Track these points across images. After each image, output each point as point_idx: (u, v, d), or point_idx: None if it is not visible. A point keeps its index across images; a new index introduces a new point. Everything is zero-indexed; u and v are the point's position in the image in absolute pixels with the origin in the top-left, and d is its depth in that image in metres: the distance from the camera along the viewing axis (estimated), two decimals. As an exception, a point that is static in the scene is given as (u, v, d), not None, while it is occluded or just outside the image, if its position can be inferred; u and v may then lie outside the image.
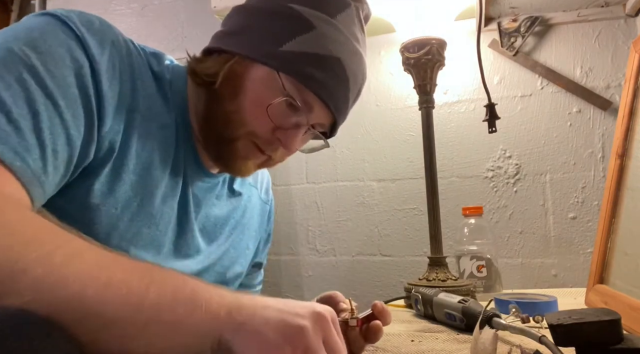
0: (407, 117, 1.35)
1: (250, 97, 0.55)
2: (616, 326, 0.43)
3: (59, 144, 0.43)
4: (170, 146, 0.56)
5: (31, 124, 0.40)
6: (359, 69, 0.60)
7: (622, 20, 1.21)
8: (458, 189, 1.29)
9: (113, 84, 0.49)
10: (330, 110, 0.57)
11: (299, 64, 0.54)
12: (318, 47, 0.55)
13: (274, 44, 0.55)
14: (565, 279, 1.20)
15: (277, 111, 0.55)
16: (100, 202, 0.49)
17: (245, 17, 0.59)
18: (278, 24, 0.56)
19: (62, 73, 0.44)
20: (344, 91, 0.58)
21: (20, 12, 1.82)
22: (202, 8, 1.54)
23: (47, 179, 0.42)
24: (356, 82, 0.59)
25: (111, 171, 0.50)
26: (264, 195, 0.79)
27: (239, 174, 0.62)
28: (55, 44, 0.45)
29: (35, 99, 0.41)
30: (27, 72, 0.42)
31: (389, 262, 1.34)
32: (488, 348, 0.52)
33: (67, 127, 0.44)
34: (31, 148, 0.40)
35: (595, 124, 1.21)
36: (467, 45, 1.28)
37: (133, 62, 0.52)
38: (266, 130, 0.56)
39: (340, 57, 0.56)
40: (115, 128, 0.49)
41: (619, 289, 0.68)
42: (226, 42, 0.58)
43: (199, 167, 0.61)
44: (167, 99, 0.57)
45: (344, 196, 1.39)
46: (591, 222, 1.19)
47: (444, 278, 0.91)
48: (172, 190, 0.57)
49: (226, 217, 0.67)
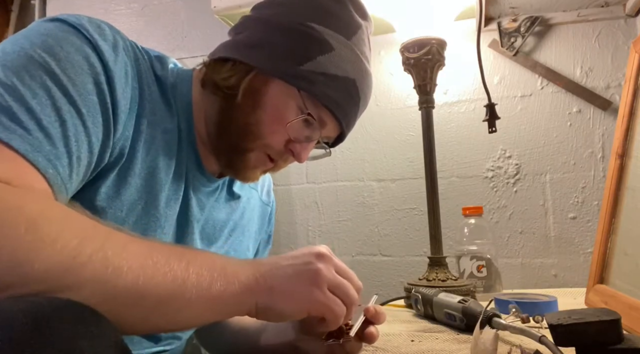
0: (407, 117, 1.35)
1: (270, 112, 0.57)
2: (616, 326, 0.43)
3: (82, 151, 0.44)
4: (173, 150, 0.57)
5: (60, 132, 0.42)
6: (369, 89, 0.64)
7: (622, 20, 1.21)
8: (458, 189, 1.29)
9: (125, 90, 0.49)
10: (342, 126, 0.61)
11: (318, 84, 0.56)
12: (336, 69, 0.57)
13: (295, 62, 0.56)
14: (565, 279, 1.20)
15: (294, 127, 0.57)
16: (107, 205, 0.49)
17: (264, 31, 0.59)
18: (299, 42, 0.57)
19: (82, 80, 0.44)
20: (355, 109, 0.61)
21: (20, 12, 1.82)
22: (202, 8, 1.54)
23: (71, 185, 0.43)
24: (365, 102, 0.64)
25: (118, 175, 0.50)
26: (265, 197, 0.79)
27: (247, 181, 0.64)
28: (72, 51, 0.45)
29: (60, 107, 0.42)
30: (50, 79, 0.42)
31: (389, 263, 1.34)
32: (488, 348, 0.52)
33: (89, 135, 0.45)
34: (61, 156, 0.41)
35: (595, 124, 1.21)
36: (467, 45, 1.28)
37: (140, 68, 0.53)
38: (281, 143, 0.58)
39: (355, 78, 0.59)
40: (126, 134, 0.50)
41: (619, 289, 0.68)
42: (245, 54, 0.58)
43: (200, 172, 0.61)
44: (170, 104, 0.57)
45: (344, 196, 1.39)
46: (591, 222, 1.19)
47: (444, 278, 0.91)
48: (175, 193, 0.57)
49: (225, 220, 0.68)
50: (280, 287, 0.43)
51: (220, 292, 0.41)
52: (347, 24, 0.60)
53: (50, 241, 0.33)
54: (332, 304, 0.44)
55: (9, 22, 1.79)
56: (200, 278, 0.40)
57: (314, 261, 0.45)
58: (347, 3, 0.61)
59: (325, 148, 0.64)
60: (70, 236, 0.34)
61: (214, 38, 1.52)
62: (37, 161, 0.39)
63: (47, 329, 0.27)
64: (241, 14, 0.65)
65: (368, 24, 0.65)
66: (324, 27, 0.58)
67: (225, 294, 0.41)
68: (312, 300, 0.44)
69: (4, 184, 0.36)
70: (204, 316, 0.41)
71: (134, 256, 0.37)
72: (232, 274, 0.42)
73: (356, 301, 0.47)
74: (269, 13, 0.60)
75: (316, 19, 0.58)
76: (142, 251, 0.38)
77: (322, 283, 0.44)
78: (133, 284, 0.35)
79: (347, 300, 0.46)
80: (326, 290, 0.44)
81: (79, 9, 1.73)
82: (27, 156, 0.38)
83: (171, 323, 0.40)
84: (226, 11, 1.18)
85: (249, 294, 0.42)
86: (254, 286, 0.43)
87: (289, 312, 0.44)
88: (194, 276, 0.39)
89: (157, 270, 0.37)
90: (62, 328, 0.28)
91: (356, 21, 0.61)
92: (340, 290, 0.45)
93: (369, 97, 0.65)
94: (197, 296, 0.39)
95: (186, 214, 0.60)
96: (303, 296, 0.44)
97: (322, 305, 0.44)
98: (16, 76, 0.41)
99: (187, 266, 0.39)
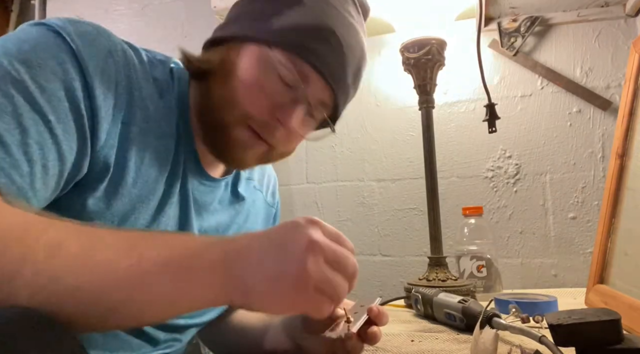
0: (407, 117, 1.35)
1: (243, 76, 0.53)
2: (616, 326, 0.43)
3: (49, 160, 0.42)
4: (169, 154, 0.55)
5: (18, 140, 0.39)
6: (357, 41, 0.57)
7: (622, 20, 1.21)
8: (458, 189, 1.29)
9: (107, 97, 0.47)
10: (328, 82, 0.55)
11: (291, 36, 0.53)
12: (309, 18, 0.53)
13: (264, 21, 0.54)
14: (565, 279, 1.20)
15: (272, 88, 0.53)
16: (96, 217, 0.48)
17: (237, 7, 0.60)
18: (266, 3, 0.56)
19: (53, 87, 0.43)
20: (341, 61, 0.55)
21: (20, 12, 1.82)
22: (202, 8, 1.54)
23: (34, 194, 0.41)
24: (354, 55, 0.57)
25: (108, 186, 0.48)
26: (269, 198, 0.77)
27: (238, 165, 0.60)
28: (47, 57, 0.43)
29: (22, 114, 0.40)
30: (15, 88, 0.41)
31: (389, 262, 1.34)
32: (488, 348, 0.52)
33: (58, 142, 0.42)
34: (18, 164, 0.39)
35: (595, 124, 1.21)
36: (467, 45, 1.28)
37: (130, 73, 0.51)
38: (262, 110, 0.53)
39: (334, 28, 0.54)
40: (110, 142, 0.48)
41: (619, 289, 0.68)
42: (219, 32, 0.59)
43: (199, 172, 0.59)
44: (170, 107, 0.55)
45: (344, 196, 1.39)
46: (591, 222, 1.19)
47: (444, 278, 0.91)
48: (170, 198, 0.55)
49: (228, 223, 0.66)
50: (257, 288, 0.37)
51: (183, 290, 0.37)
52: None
53: None
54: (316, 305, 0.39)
55: (9, 22, 1.79)
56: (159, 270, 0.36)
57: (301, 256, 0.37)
58: None
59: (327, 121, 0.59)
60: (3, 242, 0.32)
61: (214, 38, 1.52)
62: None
63: None
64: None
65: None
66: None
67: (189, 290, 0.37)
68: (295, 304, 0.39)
69: None
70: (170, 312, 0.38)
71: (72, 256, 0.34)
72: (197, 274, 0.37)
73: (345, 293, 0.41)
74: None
75: None
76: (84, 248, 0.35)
77: (307, 285, 0.37)
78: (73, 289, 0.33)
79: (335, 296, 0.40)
80: (311, 291, 0.38)
81: (79, 9, 1.73)
82: None
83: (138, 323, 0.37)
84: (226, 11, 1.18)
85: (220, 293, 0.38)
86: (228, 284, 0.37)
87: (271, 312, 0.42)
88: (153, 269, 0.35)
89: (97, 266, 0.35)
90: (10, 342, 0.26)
91: None
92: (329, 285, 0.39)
93: (360, 52, 0.58)
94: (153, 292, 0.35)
95: (186, 216, 0.58)
96: (284, 301, 0.38)
97: (306, 307, 0.39)
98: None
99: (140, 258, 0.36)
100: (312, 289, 0.37)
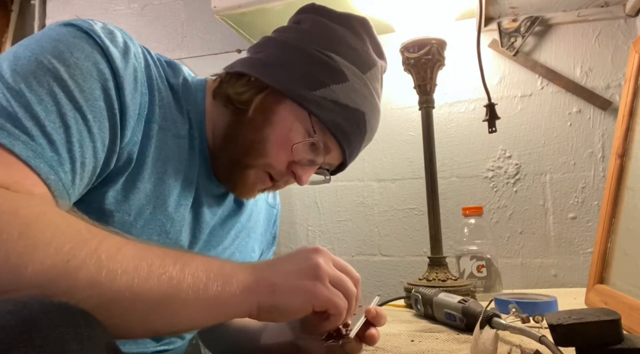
0: (407, 117, 1.35)
1: (278, 131, 0.57)
2: (616, 326, 0.43)
3: (86, 157, 0.44)
4: (184, 155, 0.57)
5: (63, 138, 0.42)
6: (377, 124, 0.66)
7: (622, 20, 1.21)
8: (458, 189, 1.29)
9: (134, 96, 0.50)
10: (345, 155, 0.62)
11: (329, 111, 0.57)
12: (348, 99, 0.59)
13: (309, 86, 0.57)
14: (565, 279, 1.20)
15: (299, 149, 0.58)
16: (115, 208, 0.50)
17: (283, 53, 0.60)
18: (316, 69, 0.58)
19: (90, 86, 0.45)
20: (360, 140, 0.63)
21: (20, 12, 1.82)
22: (202, 8, 1.54)
23: (73, 190, 0.44)
24: (371, 136, 0.65)
25: (127, 180, 0.51)
26: (271, 199, 0.80)
27: (243, 196, 0.65)
28: (82, 57, 0.45)
29: (65, 113, 0.42)
30: (58, 86, 0.43)
31: (389, 262, 1.34)
32: (488, 348, 0.52)
33: (94, 140, 0.45)
34: (63, 162, 0.42)
35: (595, 124, 1.21)
36: (467, 45, 1.28)
37: (151, 74, 0.54)
38: (283, 163, 0.59)
39: (365, 112, 0.61)
40: (134, 139, 0.51)
41: (619, 289, 0.68)
42: (261, 72, 0.58)
43: (209, 178, 0.62)
44: (183, 111, 0.58)
45: (344, 196, 1.39)
46: (591, 222, 1.19)
47: (444, 278, 0.91)
48: (185, 198, 0.57)
49: (232, 222, 0.68)
50: (282, 283, 0.43)
51: (218, 293, 0.40)
52: (364, 59, 0.62)
53: (43, 245, 0.33)
54: (335, 298, 0.44)
55: (9, 22, 1.79)
56: (196, 279, 0.39)
57: (312, 257, 0.45)
58: (366, 40, 0.64)
59: (326, 175, 0.65)
60: (63, 240, 0.34)
61: (213, 38, 1.52)
62: (39, 167, 0.39)
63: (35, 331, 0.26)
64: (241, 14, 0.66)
65: (383, 63, 0.68)
66: (341, 58, 0.59)
67: (223, 294, 0.40)
68: (317, 294, 0.43)
69: (3, 189, 0.36)
70: (202, 318, 0.40)
71: (128, 259, 0.36)
72: (230, 275, 0.42)
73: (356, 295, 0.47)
74: (290, 37, 0.62)
75: (335, 49, 0.59)
76: (137, 254, 0.38)
77: (324, 276, 0.44)
78: (127, 287, 0.35)
79: (348, 294, 0.45)
80: (328, 284, 0.44)
81: (79, 9, 1.73)
82: (29, 162, 0.39)
83: (169, 326, 0.39)
84: (226, 11, 1.18)
85: (248, 294, 0.42)
86: (254, 285, 0.42)
87: (294, 308, 0.43)
88: (189, 278, 0.39)
89: (151, 272, 0.37)
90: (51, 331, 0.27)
91: (373, 58, 0.64)
92: (342, 285, 0.45)
93: (375, 132, 0.66)
94: (193, 297, 0.38)
95: (198, 218, 0.60)
96: (307, 291, 0.43)
97: (327, 299, 0.43)
98: (24, 82, 0.41)
99: (183, 267, 0.39)
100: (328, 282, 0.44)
